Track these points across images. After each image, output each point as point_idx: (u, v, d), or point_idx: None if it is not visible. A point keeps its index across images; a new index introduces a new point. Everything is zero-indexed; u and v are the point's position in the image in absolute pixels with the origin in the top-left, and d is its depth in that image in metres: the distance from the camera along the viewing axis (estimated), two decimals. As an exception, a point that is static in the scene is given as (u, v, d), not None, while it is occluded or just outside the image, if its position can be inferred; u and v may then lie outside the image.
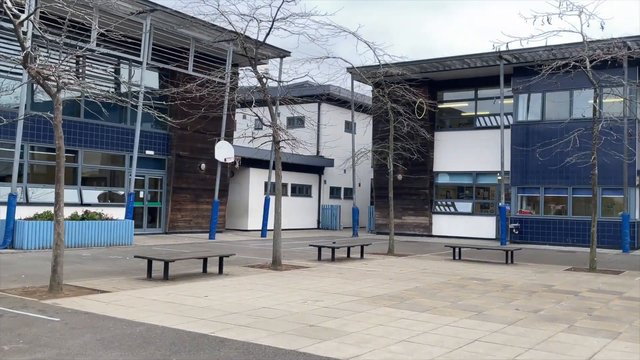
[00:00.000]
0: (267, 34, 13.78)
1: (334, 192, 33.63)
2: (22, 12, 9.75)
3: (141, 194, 22.52)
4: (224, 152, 21.63)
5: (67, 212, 17.44)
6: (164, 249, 17.84)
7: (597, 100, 15.95)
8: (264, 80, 13.93)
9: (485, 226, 25.84)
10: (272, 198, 26.83)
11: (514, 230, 23.77)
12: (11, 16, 8.68)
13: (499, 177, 25.68)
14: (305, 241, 22.93)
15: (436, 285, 11.50)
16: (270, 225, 26.03)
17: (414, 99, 18.37)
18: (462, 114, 27.93)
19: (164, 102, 22.65)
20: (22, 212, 16.90)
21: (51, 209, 15.78)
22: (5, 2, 8.61)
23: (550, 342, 7.00)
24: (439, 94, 27.40)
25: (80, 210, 17.96)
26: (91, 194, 21.03)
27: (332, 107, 32.59)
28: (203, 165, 24.09)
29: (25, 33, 14.31)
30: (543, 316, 8.69)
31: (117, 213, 20.02)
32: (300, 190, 31.09)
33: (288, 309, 8.61)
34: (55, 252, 9.47)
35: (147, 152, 22.52)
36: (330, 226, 31.71)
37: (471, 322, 8.05)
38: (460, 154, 26.62)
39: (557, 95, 23.60)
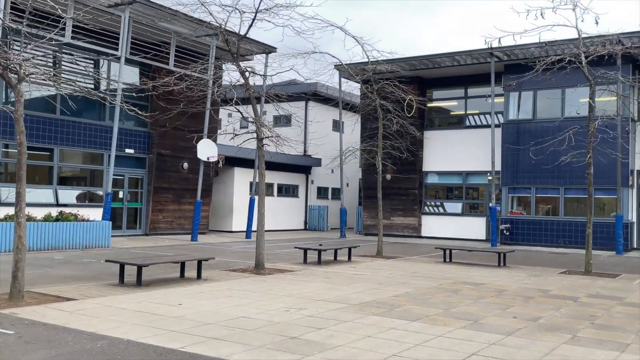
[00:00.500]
0: (250, 25, 13.09)
1: (322, 192, 32.97)
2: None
3: (120, 194, 21.72)
4: (206, 150, 20.88)
5: (41, 212, 16.65)
6: (142, 251, 17.07)
7: (592, 98, 15.40)
8: (247, 74, 13.23)
9: (475, 227, 25.32)
10: (256, 198, 26.16)
11: (504, 232, 23.26)
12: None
13: (490, 177, 25.16)
14: (291, 243, 22.24)
15: (427, 291, 10.87)
16: (255, 226, 25.36)
17: (403, 96, 17.76)
18: (452, 113, 27.40)
19: (142, 97, 21.88)
20: (-7, 213, 16.07)
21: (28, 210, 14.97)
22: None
23: (554, 356, 6.38)
24: (428, 92, 26.83)
25: (55, 211, 17.15)
26: (68, 194, 20.19)
27: (319, 105, 31.93)
28: (185, 164, 23.31)
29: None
30: (543, 325, 8.08)
31: (95, 214, 19.19)
32: (287, 191, 30.40)
33: (269, 319, 7.93)
34: (15, 257, 8.72)
35: (127, 150, 21.71)
36: (317, 227, 31.04)
37: (467, 333, 7.42)
38: (450, 153, 26.08)
39: (549, 93, 23.11)
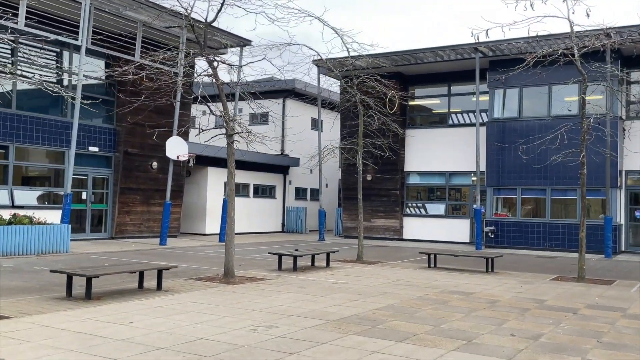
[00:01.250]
0: (219, 11, 11.94)
1: (300, 193, 31.84)
2: None
3: (84, 195, 20.34)
4: (176, 148, 19.63)
5: (-8, 215, 15.26)
6: (104, 257, 15.78)
7: (585, 93, 14.53)
8: (215, 64, 12.06)
9: (458, 229, 24.42)
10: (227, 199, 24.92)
11: (489, 234, 22.38)
12: None
13: (474, 178, 24.29)
14: (267, 246, 21.08)
15: (413, 302, 9.82)
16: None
17: (385, 91, 16.73)
18: (435, 111, 26.48)
19: (107, 92, 20.59)
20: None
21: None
22: None
23: (569, 389, 5.36)
24: (410, 89, 25.84)
25: (8, 213, 15.77)
26: (27, 195, 18.79)
27: (297, 103, 30.80)
28: (155, 164, 22.01)
29: None
30: (546, 345, 7.07)
31: (57, 216, 17.83)
32: (264, 191, 29.20)
33: (232, 341, 6.79)
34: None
35: (91, 148, 20.35)
36: (295, 229, 29.90)
37: (462, 357, 6.37)
38: (432, 153, 25.16)
39: (536, 90, 22.31)
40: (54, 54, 20.04)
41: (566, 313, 9.27)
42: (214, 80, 11.76)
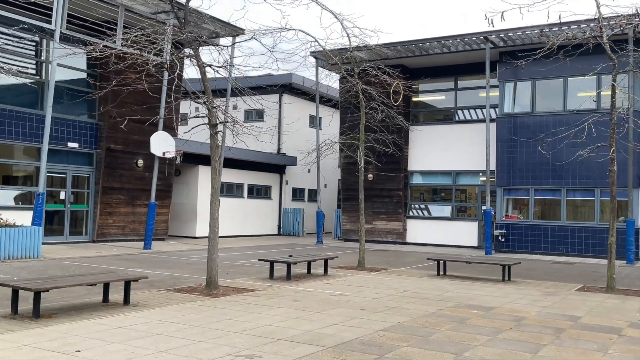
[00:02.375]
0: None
1: (297, 193, 30.29)
2: None
3: (62, 195, 18.79)
4: (162, 144, 18.11)
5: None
6: (78, 263, 14.25)
7: (614, 80, 12.99)
8: (198, 45, 10.55)
9: (466, 233, 22.89)
10: (223, 200, 23.34)
11: (499, 238, 20.85)
12: None
13: (483, 177, 22.77)
14: (260, 250, 19.55)
15: (426, 321, 8.29)
16: (220, 232, 22.55)
17: (389, 81, 15.21)
18: (440, 107, 24.94)
19: (89, 84, 19.08)
20: None
21: None
22: None
23: None
24: (414, 83, 24.30)
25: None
26: (3, 195, 17.24)
27: (295, 99, 29.28)
28: (140, 161, 20.47)
29: None
30: (602, 383, 5.55)
31: (29, 218, 16.34)
32: (259, 192, 27.67)
33: (200, 379, 5.27)
34: None
35: (70, 144, 18.80)
36: (292, 232, 28.36)
37: (500, 405, 4.84)
38: (438, 151, 23.64)
39: (550, 83, 20.82)
40: (33, 44, 18.54)
41: (609, 335, 7.75)
42: (196, 62, 10.25)
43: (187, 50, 11.35)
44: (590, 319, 8.84)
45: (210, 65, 10.61)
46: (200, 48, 11.06)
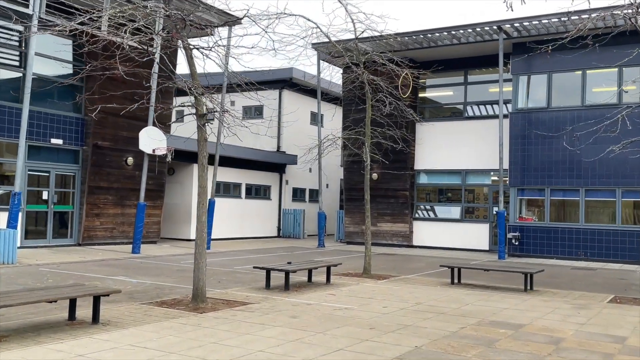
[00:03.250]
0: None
1: (298, 194, 29.00)
2: None
3: (45, 195, 17.52)
4: (152, 141, 16.84)
5: None
6: (56, 270, 12.98)
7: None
8: (185, 25, 9.27)
9: (476, 235, 21.59)
10: (219, 200, 22.11)
11: (513, 241, 19.56)
12: None
13: (495, 177, 21.48)
14: (258, 254, 18.28)
15: (447, 344, 7.01)
16: (215, 234, 21.31)
17: (397, 71, 13.93)
18: (449, 102, 23.62)
19: (74, 75, 17.81)
20: None
21: None
22: None
23: None
24: (421, 76, 22.98)
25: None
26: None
27: (296, 95, 27.98)
28: (130, 159, 19.19)
29: None
30: None
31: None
32: (257, 192, 26.38)
33: None
34: None
35: (53, 140, 17.53)
36: (292, 234, 27.07)
37: None
38: (446, 149, 22.34)
39: (566, 77, 19.54)
40: (17, 34, 17.28)
41: (669, 362, 6.46)
42: (180, 43, 8.98)
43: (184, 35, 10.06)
44: (638, 340, 7.55)
45: (197, 48, 9.34)
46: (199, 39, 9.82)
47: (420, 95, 23.60)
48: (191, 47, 9.20)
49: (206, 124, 9.19)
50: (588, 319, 8.93)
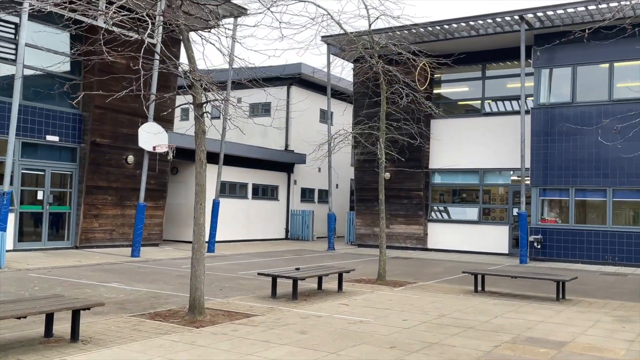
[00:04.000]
0: None
1: (306, 194, 27.98)
2: None
3: (40, 195, 16.60)
4: (152, 137, 15.89)
5: None
6: (46, 276, 12.03)
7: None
8: (181, 3, 8.28)
9: (495, 238, 20.47)
10: (224, 200, 21.15)
11: (535, 244, 18.43)
12: None
13: (514, 177, 20.37)
14: (264, 258, 17.28)
15: (484, 368, 5.96)
16: (219, 236, 20.32)
17: (414, 60, 12.89)
18: (466, 98, 22.50)
19: (72, 70, 16.96)
20: None
21: None
22: None
23: None
24: (436, 71, 21.91)
25: None
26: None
27: (304, 92, 26.97)
28: (131, 157, 18.26)
29: None
30: None
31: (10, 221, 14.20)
32: (264, 192, 25.39)
33: None
34: None
35: (49, 137, 16.62)
36: (301, 236, 26.06)
37: None
38: (463, 147, 21.24)
39: (592, 70, 18.41)
40: (12, 26, 16.43)
41: None
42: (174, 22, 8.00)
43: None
44: (703, 363, 6.47)
45: (195, 30, 8.35)
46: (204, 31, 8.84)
47: (435, 91, 22.52)
48: (188, 27, 8.21)
49: (204, 115, 8.20)
50: (637, 335, 7.85)
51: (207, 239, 18.76)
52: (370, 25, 12.78)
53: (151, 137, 15.84)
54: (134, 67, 8.04)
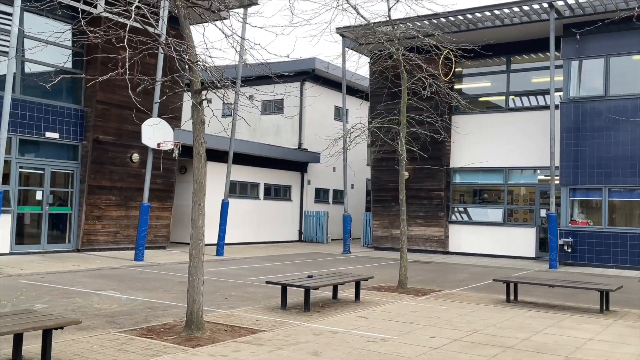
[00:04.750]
0: None
1: (321, 194, 26.92)
2: None
3: (39, 195, 15.74)
4: (157, 134, 14.95)
5: None
6: (37, 282, 11.11)
7: None
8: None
9: (521, 241, 19.25)
10: (234, 201, 20.18)
11: (565, 247, 17.21)
12: None
13: (542, 176, 19.15)
14: (275, 262, 16.27)
15: (536, 405, 4.86)
16: (229, 238, 19.34)
17: (437, 48, 11.79)
18: (489, 92, 21.26)
19: (74, 63, 16.11)
20: None
21: None
22: None
23: None
24: (457, 64, 20.69)
25: None
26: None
27: (318, 88, 25.93)
28: (136, 156, 17.34)
29: None
30: None
31: (5, 222, 13.38)
32: (277, 192, 24.39)
33: None
34: None
35: (48, 134, 15.75)
36: (315, 238, 25.02)
37: None
38: (486, 144, 20.04)
39: (627, 61, 17.15)
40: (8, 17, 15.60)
41: None
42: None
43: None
44: None
45: (195, 5, 7.35)
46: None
47: (456, 86, 21.32)
48: (189, 3, 7.21)
49: (203, 103, 7.19)
50: None
51: (215, 241, 17.84)
52: (389, 9, 11.71)
53: (156, 133, 14.91)
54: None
